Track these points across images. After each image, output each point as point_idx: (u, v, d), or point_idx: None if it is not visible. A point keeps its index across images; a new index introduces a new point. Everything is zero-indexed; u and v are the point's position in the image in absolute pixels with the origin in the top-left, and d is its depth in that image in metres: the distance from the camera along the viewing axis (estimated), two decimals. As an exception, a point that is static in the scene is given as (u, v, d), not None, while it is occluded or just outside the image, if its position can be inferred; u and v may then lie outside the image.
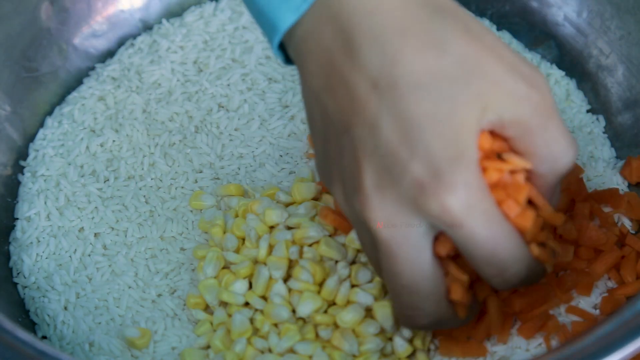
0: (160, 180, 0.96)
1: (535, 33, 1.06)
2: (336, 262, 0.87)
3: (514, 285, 0.75)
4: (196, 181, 0.96)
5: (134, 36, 1.07)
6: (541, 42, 1.06)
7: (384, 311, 0.84)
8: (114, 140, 0.98)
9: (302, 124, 0.99)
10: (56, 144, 0.99)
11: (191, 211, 0.94)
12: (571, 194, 0.90)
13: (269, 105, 1.00)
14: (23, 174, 0.98)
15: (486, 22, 1.06)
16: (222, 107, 1.01)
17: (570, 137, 0.74)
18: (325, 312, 0.85)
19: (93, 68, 1.05)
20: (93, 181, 0.96)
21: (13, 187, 0.98)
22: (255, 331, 0.86)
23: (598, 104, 1.02)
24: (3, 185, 0.97)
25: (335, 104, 0.73)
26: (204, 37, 1.05)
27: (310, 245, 0.87)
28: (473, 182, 0.70)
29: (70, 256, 0.92)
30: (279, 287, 0.86)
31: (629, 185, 0.95)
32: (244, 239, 0.90)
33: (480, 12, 1.07)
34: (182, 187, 0.96)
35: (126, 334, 0.87)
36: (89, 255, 0.92)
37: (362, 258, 0.88)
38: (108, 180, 0.96)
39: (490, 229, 0.71)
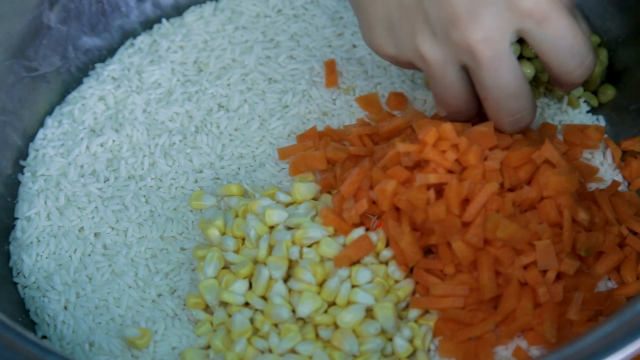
0: (160, 180, 0.96)
1: (535, 33, 1.06)
2: (336, 262, 0.87)
3: (586, 77, 0.87)
4: (196, 181, 0.96)
5: (134, 36, 1.07)
6: (541, 42, 1.05)
7: (384, 312, 0.84)
8: (114, 140, 0.98)
9: (302, 124, 0.99)
10: (56, 143, 0.99)
11: (191, 211, 0.94)
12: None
13: (269, 105, 1.00)
14: (23, 173, 0.98)
15: (486, 22, 1.06)
16: (222, 107, 1.01)
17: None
18: (326, 312, 0.85)
19: (93, 68, 1.05)
20: (93, 181, 0.96)
21: (13, 187, 0.98)
22: (256, 331, 0.86)
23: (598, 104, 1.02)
24: (3, 185, 0.97)
25: None
26: (204, 37, 1.05)
27: (309, 246, 0.87)
28: None
29: (70, 256, 0.92)
30: (279, 287, 0.86)
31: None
32: (243, 239, 0.90)
33: (480, 12, 1.07)
34: (182, 187, 0.96)
35: (126, 334, 0.87)
36: (89, 255, 0.92)
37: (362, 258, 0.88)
38: (108, 180, 0.96)
39: (570, 19, 0.83)
